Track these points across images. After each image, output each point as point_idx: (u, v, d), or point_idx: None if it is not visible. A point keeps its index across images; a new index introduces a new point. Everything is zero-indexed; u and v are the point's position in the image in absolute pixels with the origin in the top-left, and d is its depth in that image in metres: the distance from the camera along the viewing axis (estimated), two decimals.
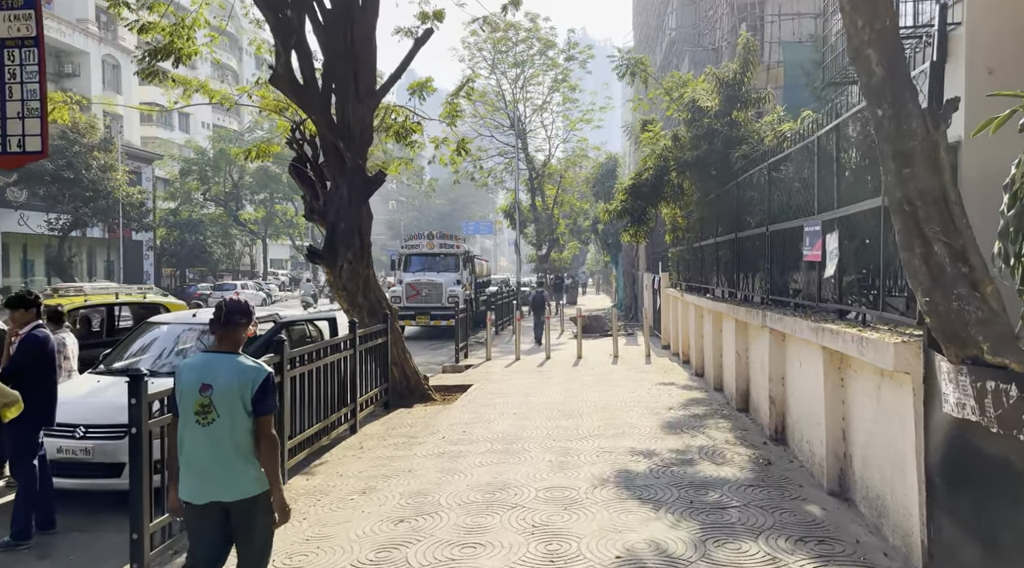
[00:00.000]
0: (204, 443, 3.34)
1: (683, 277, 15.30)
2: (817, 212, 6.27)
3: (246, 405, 3.36)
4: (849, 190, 5.68)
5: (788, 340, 7.16)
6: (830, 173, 6.14)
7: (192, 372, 3.41)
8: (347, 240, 9.77)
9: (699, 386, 11.37)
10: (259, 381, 3.38)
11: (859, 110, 5.24)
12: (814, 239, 6.26)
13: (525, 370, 14.07)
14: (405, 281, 22.95)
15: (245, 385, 3.36)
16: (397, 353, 10.79)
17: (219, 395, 3.33)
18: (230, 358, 3.43)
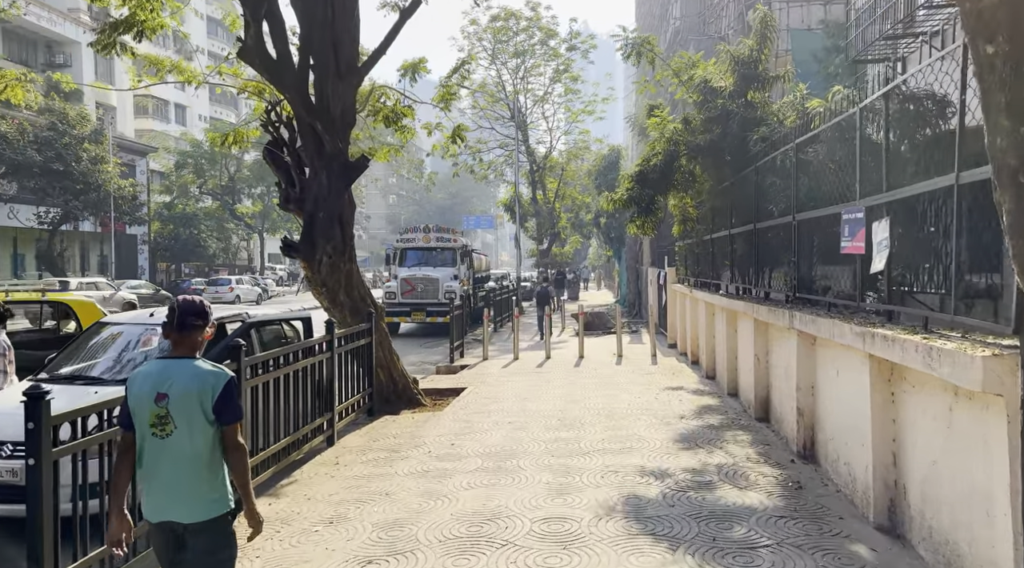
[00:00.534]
0: (163, 457, 3.08)
1: (691, 272, 14.40)
2: (859, 197, 5.38)
3: (207, 414, 3.09)
4: (899, 171, 4.78)
5: (820, 344, 6.28)
6: (876, 150, 5.25)
7: (146, 381, 3.13)
8: (326, 231, 8.89)
9: (711, 391, 10.48)
10: (220, 387, 3.11)
11: (932, 63, 4.32)
12: (855, 228, 5.37)
13: (523, 371, 13.20)
14: (400, 276, 22.07)
15: (204, 392, 3.09)
16: (383, 355, 9.92)
17: (176, 404, 3.08)
18: (186, 363, 3.16)
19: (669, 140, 10.10)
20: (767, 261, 8.42)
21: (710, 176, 10.04)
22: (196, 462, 3.08)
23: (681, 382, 11.37)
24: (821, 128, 6.35)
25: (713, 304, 11.20)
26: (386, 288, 22.17)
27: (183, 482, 3.07)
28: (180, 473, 3.07)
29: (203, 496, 3.09)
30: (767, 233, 8.24)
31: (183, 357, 3.18)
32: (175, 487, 3.07)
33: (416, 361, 16.47)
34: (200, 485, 3.08)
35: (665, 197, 10.76)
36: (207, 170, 51.56)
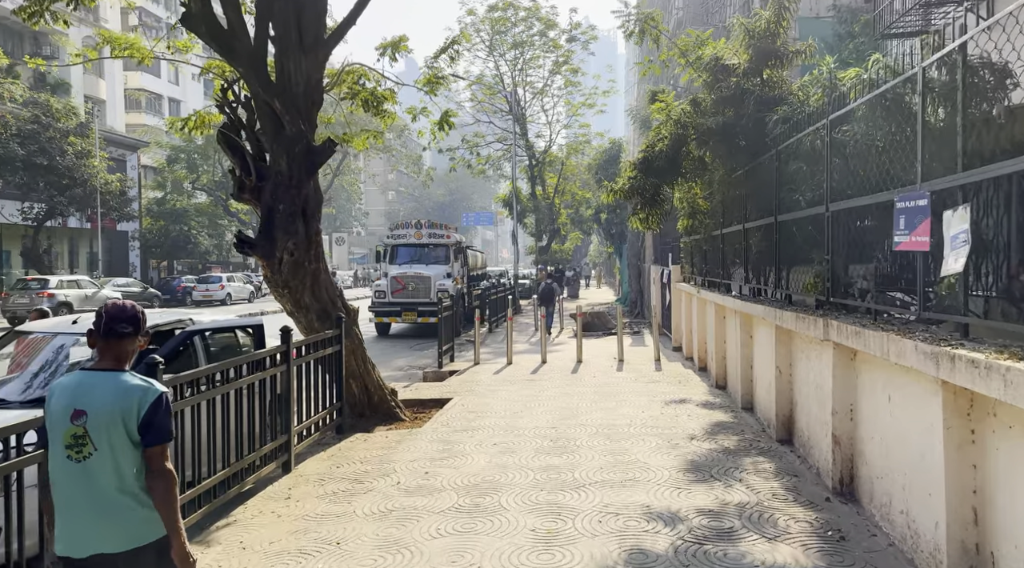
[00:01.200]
0: (80, 483, 2.73)
1: (698, 271, 13.31)
2: (921, 180, 4.29)
3: (131, 434, 2.76)
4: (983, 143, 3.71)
5: (863, 360, 5.20)
6: (941, 123, 4.17)
7: (63, 396, 2.80)
8: (287, 226, 7.82)
9: (723, 404, 9.40)
10: (147, 403, 2.78)
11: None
12: (915, 219, 4.29)
13: (516, 378, 12.12)
14: (390, 274, 21.01)
15: (128, 409, 2.76)
16: (356, 364, 8.86)
17: (95, 423, 2.75)
18: (111, 377, 2.82)
19: (676, 123, 8.98)
20: (790, 259, 7.34)
21: (722, 163, 8.94)
22: (120, 490, 2.73)
23: (688, 392, 10.29)
24: (868, 96, 5.25)
25: (724, 306, 10.12)
26: (375, 287, 21.11)
27: (107, 510, 2.73)
28: (101, 502, 2.73)
29: (137, 519, 2.75)
30: (791, 227, 7.16)
31: (108, 369, 2.82)
32: (100, 515, 2.73)
33: (403, 365, 15.43)
34: (126, 510, 2.75)
35: (672, 187, 9.65)
36: (200, 165, 50.45)
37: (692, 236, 13.29)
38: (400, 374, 14.30)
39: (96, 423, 2.73)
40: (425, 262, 21.64)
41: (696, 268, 13.55)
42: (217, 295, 38.16)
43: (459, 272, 22.01)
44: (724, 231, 10.34)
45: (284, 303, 8.30)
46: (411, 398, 10.46)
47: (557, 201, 41.08)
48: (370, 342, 20.36)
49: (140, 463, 2.78)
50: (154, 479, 2.77)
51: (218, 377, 5.67)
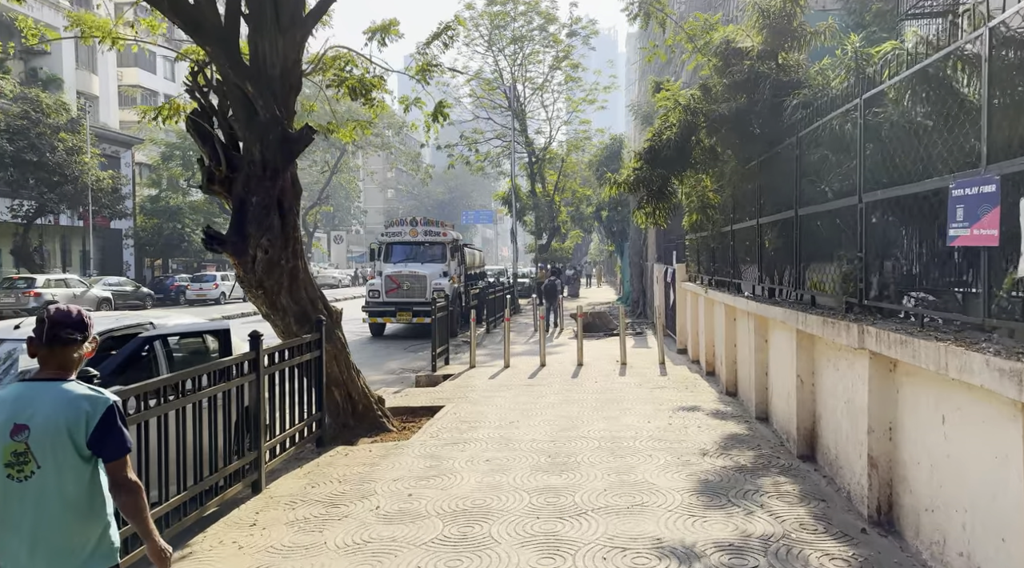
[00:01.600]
0: (23, 505, 2.46)
1: (705, 269, 12.65)
2: (986, 162, 3.63)
3: (79, 449, 2.50)
4: None
5: (905, 372, 4.54)
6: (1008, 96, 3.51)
7: (1, 410, 2.51)
8: (261, 220, 7.15)
9: (735, 413, 8.74)
10: (97, 415, 2.53)
11: None
12: (977, 208, 3.63)
13: (513, 383, 11.46)
14: (385, 273, 20.34)
15: (75, 422, 2.50)
16: (339, 371, 8.19)
17: (38, 438, 2.48)
18: (54, 387, 2.55)
19: (686, 109, 8.30)
20: (812, 257, 6.68)
21: (734, 154, 8.27)
22: (68, 511, 2.50)
23: (696, 399, 9.62)
24: (916, 67, 4.57)
25: (734, 307, 9.45)
26: (369, 286, 20.44)
27: (52, 536, 2.49)
28: (46, 526, 2.48)
29: (80, 551, 2.53)
30: (813, 221, 6.49)
31: (51, 379, 2.60)
32: (42, 543, 2.48)
33: (396, 368, 14.77)
34: (74, 538, 2.52)
35: (680, 179, 8.97)
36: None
37: (698, 233, 12.62)
38: (392, 377, 13.64)
39: (39, 438, 2.51)
40: (421, 260, 20.98)
41: (703, 267, 12.88)
42: (211, 294, 37.54)
43: (456, 271, 21.35)
44: (735, 227, 9.67)
45: (259, 305, 7.63)
46: (401, 406, 9.80)
47: (557, 198, 40.42)
48: (363, 343, 19.79)
49: (88, 481, 2.57)
50: (120, 494, 2.62)
51: (172, 389, 5.00)
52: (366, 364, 15.40)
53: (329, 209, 68.02)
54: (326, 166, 59.99)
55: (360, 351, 17.52)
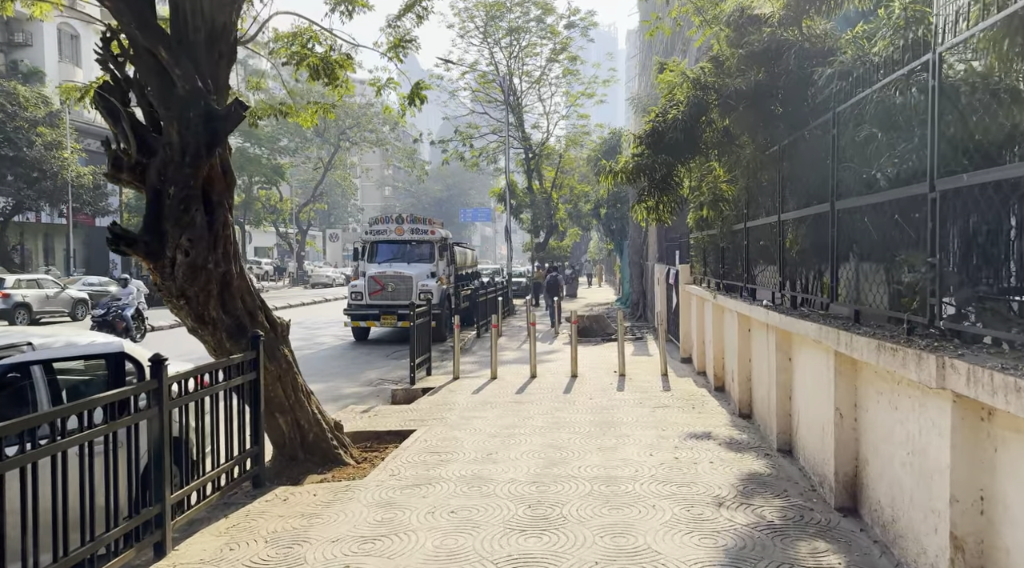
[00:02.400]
0: None
1: (712, 271, 11.38)
2: None
3: None
4: None
5: (1006, 426, 3.27)
6: None
7: None
8: (180, 215, 5.88)
9: (752, 442, 7.46)
10: None
11: None
12: None
13: (498, 399, 10.19)
14: (368, 274, 19.07)
15: None
16: (285, 394, 6.93)
17: None
18: None
19: (695, 83, 7.01)
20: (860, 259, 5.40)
21: (750, 137, 6.99)
22: None
23: (706, 423, 8.35)
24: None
25: (749, 318, 8.18)
26: (351, 288, 19.16)
27: None
28: None
29: None
30: (856, 217, 5.21)
31: None
32: None
33: (374, 379, 13.51)
34: None
35: (688, 166, 7.68)
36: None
37: (705, 231, 11.35)
38: (368, 390, 12.39)
39: None
40: (407, 260, 19.72)
41: (710, 269, 11.61)
42: None
43: (445, 271, 20.08)
44: (749, 224, 8.39)
45: (183, 318, 6.35)
46: (365, 430, 8.54)
47: (555, 195, 39.13)
48: (344, 349, 18.54)
49: None
50: None
51: (30, 434, 3.73)
52: (341, 374, 14.17)
53: (323, 207, 66.74)
54: (320, 163, 58.71)
55: (338, 358, 16.27)
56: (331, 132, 55.83)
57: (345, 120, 55.90)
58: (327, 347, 18.28)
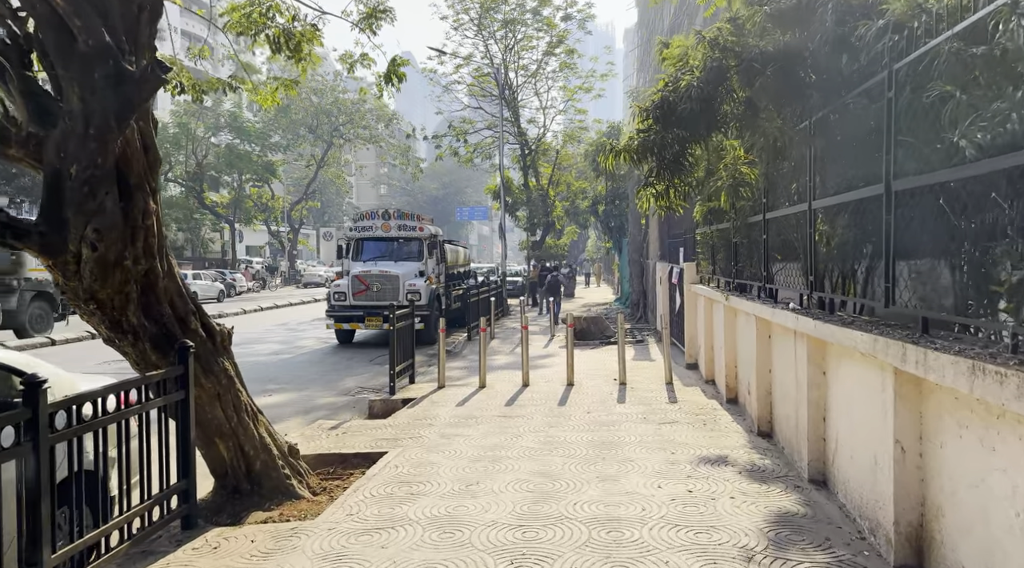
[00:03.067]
0: None
1: (722, 269, 10.32)
2: None
3: None
4: None
5: None
6: None
7: None
8: (84, 200, 4.78)
9: (777, 469, 6.38)
10: None
11: None
12: None
13: (484, 413, 9.11)
14: (352, 273, 17.97)
15: None
16: (226, 416, 5.83)
17: None
18: None
19: (713, 44, 5.92)
20: (912, 254, 4.33)
21: (776, 109, 5.91)
22: None
23: (721, 444, 7.27)
24: None
25: (770, 323, 7.10)
26: (334, 287, 18.06)
27: None
28: None
29: None
30: (921, 201, 4.13)
31: None
32: None
33: (352, 387, 12.43)
34: None
35: (703, 145, 6.57)
36: (172, 155, 47.32)
37: (714, 225, 10.28)
38: (344, 401, 11.31)
39: None
40: (394, 258, 18.63)
41: (720, 267, 10.54)
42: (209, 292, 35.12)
43: (434, 270, 18.98)
44: (769, 215, 7.31)
45: (96, 326, 5.25)
46: (330, 452, 7.44)
47: (552, 192, 38.04)
48: (325, 354, 17.42)
49: None
50: None
51: None
52: (317, 381, 13.08)
53: (316, 205, 65.58)
54: (312, 160, 57.55)
55: (317, 363, 15.17)
56: (324, 129, 54.75)
57: (338, 117, 54.85)
58: (307, 351, 17.17)
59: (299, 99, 53.79)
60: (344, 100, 54.31)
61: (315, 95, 54.18)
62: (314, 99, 54.23)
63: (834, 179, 5.66)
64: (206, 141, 48.51)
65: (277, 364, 14.96)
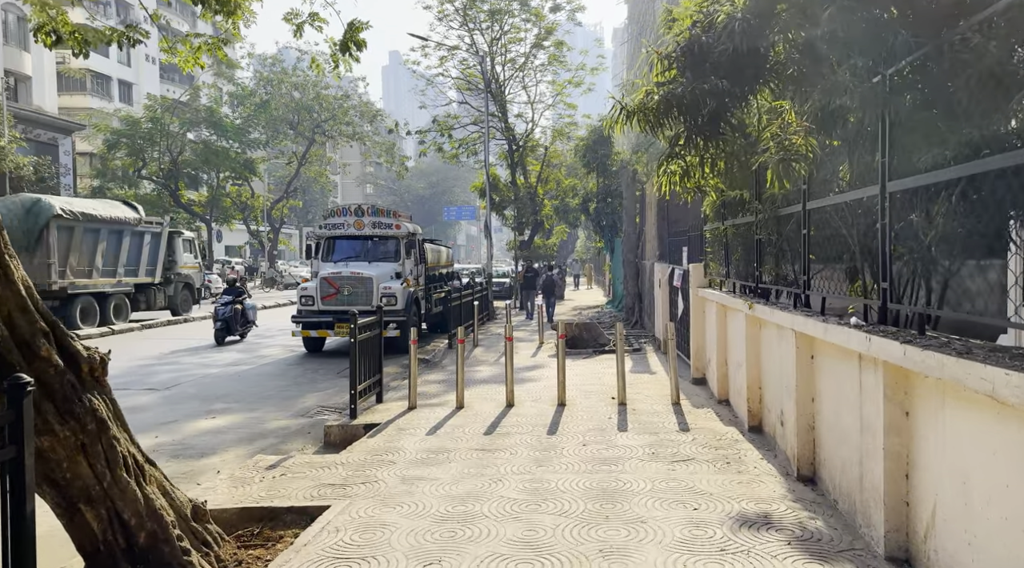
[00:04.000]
0: None
1: (738, 271, 8.83)
2: None
3: None
4: None
5: None
6: None
7: None
8: None
9: (836, 535, 4.85)
10: None
11: None
12: None
13: (460, 444, 7.55)
14: (320, 274, 16.35)
15: None
16: (95, 473, 4.24)
17: None
18: None
19: None
20: None
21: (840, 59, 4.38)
22: None
23: (755, 493, 5.75)
24: None
25: (814, 340, 5.59)
26: (301, 291, 16.44)
27: None
28: None
29: None
30: None
31: None
32: None
33: (312, 406, 10.84)
34: None
35: (743, 103, 4.96)
36: (146, 151, 45.40)
37: (728, 221, 8.79)
38: (299, 424, 9.74)
39: None
40: (367, 259, 17.01)
41: (736, 268, 9.03)
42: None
43: (412, 271, 17.37)
44: (812, 205, 5.81)
45: None
46: (258, 505, 5.85)
47: (540, 190, 36.51)
48: (289, 364, 15.68)
49: None
50: None
51: None
52: (274, 398, 11.45)
53: (298, 204, 63.67)
54: (293, 157, 55.73)
55: (279, 376, 13.55)
56: (305, 125, 53.01)
57: (321, 113, 53.11)
58: (270, 361, 15.53)
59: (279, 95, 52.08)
60: (327, 96, 52.64)
61: (296, 91, 52.47)
62: (296, 95, 52.51)
63: (917, 152, 4.14)
64: (181, 137, 46.60)
65: (232, 377, 13.33)
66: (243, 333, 18.94)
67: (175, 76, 64.89)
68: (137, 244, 22.72)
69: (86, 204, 21.48)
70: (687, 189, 5.62)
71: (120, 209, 22.74)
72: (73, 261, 19.86)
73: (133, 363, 14.80)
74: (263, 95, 51.05)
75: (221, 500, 5.94)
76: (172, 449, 8.45)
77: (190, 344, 18.14)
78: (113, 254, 21.67)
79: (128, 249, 22.25)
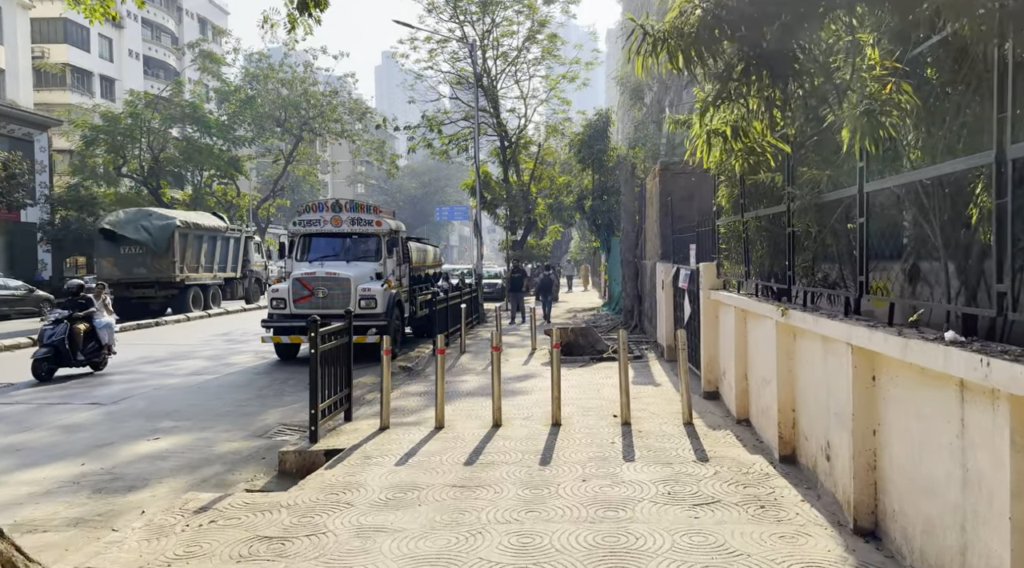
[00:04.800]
0: None
1: (760, 272, 7.57)
2: None
3: None
4: None
5: None
6: None
7: None
8: None
9: None
10: None
11: None
12: None
13: (433, 481, 6.25)
14: (293, 275, 15.02)
15: None
16: None
17: None
18: None
19: None
20: None
21: None
22: None
23: (803, 551, 4.48)
24: None
25: (878, 358, 4.34)
26: (272, 293, 15.10)
27: None
28: None
29: None
30: None
31: None
32: None
33: (273, 423, 9.59)
34: None
35: (812, 34, 3.63)
36: (127, 149, 43.88)
37: (750, 212, 7.53)
38: (253, 446, 8.45)
39: None
40: (345, 258, 15.68)
41: (758, 268, 7.77)
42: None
43: (394, 272, 16.06)
44: (871, 187, 4.56)
45: None
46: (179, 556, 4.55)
47: (533, 189, 35.26)
48: (258, 373, 14.13)
49: None
50: None
51: None
52: (231, 414, 10.11)
53: (286, 203, 62.16)
54: (280, 155, 54.27)
55: (243, 387, 12.21)
56: (292, 122, 51.57)
57: (308, 110, 51.69)
58: (237, 369, 14.19)
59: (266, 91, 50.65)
60: (314, 93, 51.26)
61: (284, 87, 51.06)
62: (283, 91, 51.09)
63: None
64: (163, 133, 45.11)
65: (190, 389, 12.00)
66: (95, 363, 13.39)
67: (159, 72, 63.41)
68: (225, 246, 29.39)
69: (191, 216, 28.01)
70: (737, 155, 4.30)
71: (213, 219, 29.45)
72: (188, 260, 26.32)
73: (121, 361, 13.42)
74: (248, 91, 49.63)
75: (123, 561, 4.64)
76: (97, 481, 7.13)
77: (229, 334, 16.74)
78: (211, 254, 28.11)
79: (220, 250, 28.81)
